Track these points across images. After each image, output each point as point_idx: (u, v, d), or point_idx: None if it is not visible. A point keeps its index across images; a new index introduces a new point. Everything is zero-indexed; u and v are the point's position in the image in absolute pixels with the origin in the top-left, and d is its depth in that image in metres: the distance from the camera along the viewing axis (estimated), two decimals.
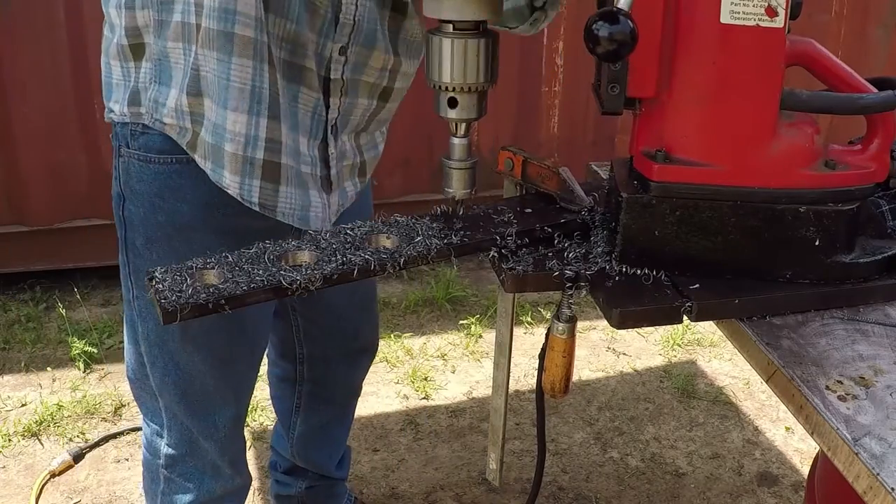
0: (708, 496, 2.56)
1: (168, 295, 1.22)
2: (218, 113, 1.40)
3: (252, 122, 1.40)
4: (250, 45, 1.35)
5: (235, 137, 1.41)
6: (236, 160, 1.43)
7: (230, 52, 1.35)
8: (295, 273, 1.29)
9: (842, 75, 1.32)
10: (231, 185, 1.45)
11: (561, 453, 2.72)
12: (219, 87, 1.38)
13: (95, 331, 3.33)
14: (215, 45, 1.35)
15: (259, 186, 1.46)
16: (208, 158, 1.45)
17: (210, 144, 1.43)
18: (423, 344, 3.29)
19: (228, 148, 1.41)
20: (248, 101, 1.39)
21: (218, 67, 1.37)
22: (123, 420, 2.85)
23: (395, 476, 2.61)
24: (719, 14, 1.24)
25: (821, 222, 1.32)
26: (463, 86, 1.38)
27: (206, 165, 1.46)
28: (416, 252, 1.38)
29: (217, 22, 1.33)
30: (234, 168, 1.43)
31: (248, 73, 1.37)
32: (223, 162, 1.43)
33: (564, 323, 1.45)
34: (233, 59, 1.36)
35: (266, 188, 1.47)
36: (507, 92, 3.73)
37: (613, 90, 1.30)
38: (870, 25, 4.06)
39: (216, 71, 1.37)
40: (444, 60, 1.36)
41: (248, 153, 1.42)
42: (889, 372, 1.18)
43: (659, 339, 3.38)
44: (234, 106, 1.38)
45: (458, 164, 1.47)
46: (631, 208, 1.35)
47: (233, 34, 1.34)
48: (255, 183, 1.45)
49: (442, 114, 1.42)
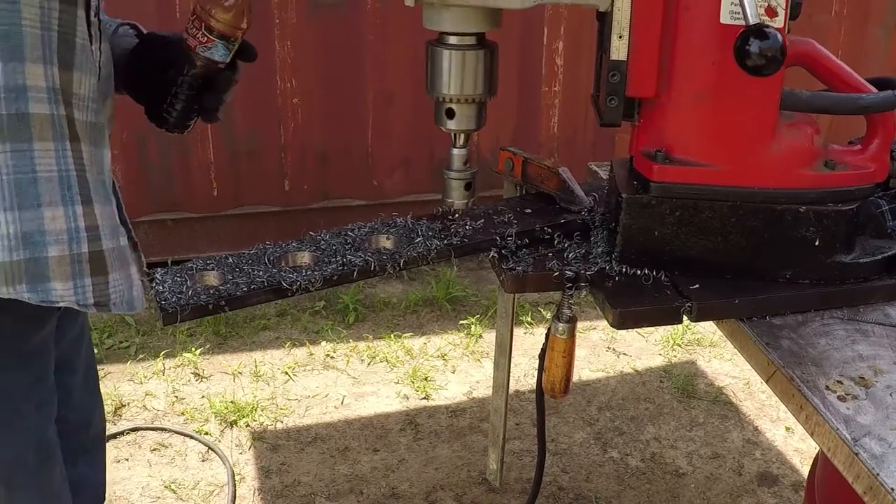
0: (708, 496, 2.56)
1: (168, 296, 1.22)
2: (24, 218, 1.15)
3: (70, 214, 1.19)
4: (48, 123, 1.14)
5: (59, 237, 1.18)
6: (63, 263, 1.19)
7: (29, 139, 1.13)
8: (295, 274, 1.29)
9: (842, 75, 1.32)
10: (65, 296, 1.20)
11: (561, 453, 2.72)
12: (19, 185, 1.14)
13: (95, 331, 3.33)
14: (5, 134, 1.11)
15: (91, 284, 1.23)
16: (17, 281, 1.17)
17: (17, 262, 1.16)
18: (423, 344, 3.29)
19: (53, 252, 1.18)
20: (59, 190, 1.17)
21: (14, 161, 1.13)
22: (123, 420, 2.85)
23: (395, 476, 2.61)
24: (719, 14, 1.24)
25: (821, 222, 1.32)
26: (462, 97, 1.38)
27: (15, 291, 1.17)
28: (416, 253, 1.38)
29: (5, 105, 1.10)
30: (63, 273, 1.19)
31: (52, 159, 1.15)
32: (47, 273, 1.18)
33: (564, 323, 1.45)
34: (34, 146, 1.13)
35: (98, 283, 1.23)
36: (507, 92, 3.73)
37: (612, 102, 1.30)
38: (870, 25, 4.05)
39: (12, 167, 1.13)
40: (443, 72, 1.37)
41: (73, 250, 1.20)
42: (889, 372, 1.18)
43: (659, 339, 3.38)
44: (48, 200, 1.16)
45: (457, 175, 1.48)
46: (631, 208, 1.35)
47: (28, 115, 1.12)
48: (87, 282, 1.22)
49: (441, 125, 1.43)
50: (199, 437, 2.71)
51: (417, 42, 1.52)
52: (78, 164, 1.19)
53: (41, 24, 1.10)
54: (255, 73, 3.45)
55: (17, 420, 1.32)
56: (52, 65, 1.12)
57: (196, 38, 1.27)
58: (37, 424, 1.37)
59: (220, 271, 1.30)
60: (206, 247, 3.62)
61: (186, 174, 3.52)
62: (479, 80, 1.37)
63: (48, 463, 1.41)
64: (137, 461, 2.63)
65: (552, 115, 3.89)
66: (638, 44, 1.27)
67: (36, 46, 1.10)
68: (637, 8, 1.25)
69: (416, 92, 1.86)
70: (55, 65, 1.13)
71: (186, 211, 3.59)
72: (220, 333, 3.29)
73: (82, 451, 1.66)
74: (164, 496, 2.49)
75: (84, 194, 1.20)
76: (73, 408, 1.57)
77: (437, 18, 1.33)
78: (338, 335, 3.30)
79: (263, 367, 3.09)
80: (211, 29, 1.26)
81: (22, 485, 1.37)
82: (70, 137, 1.17)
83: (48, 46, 1.12)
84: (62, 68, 1.14)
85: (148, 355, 3.16)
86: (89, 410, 1.67)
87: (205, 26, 1.26)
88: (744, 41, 1.13)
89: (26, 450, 1.35)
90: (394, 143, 3.71)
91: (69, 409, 1.52)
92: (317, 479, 2.57)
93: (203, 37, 1.26)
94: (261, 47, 1.38)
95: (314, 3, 3.39)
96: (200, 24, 1.26)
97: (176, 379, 3.02)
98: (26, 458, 1.35)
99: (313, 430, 2.78)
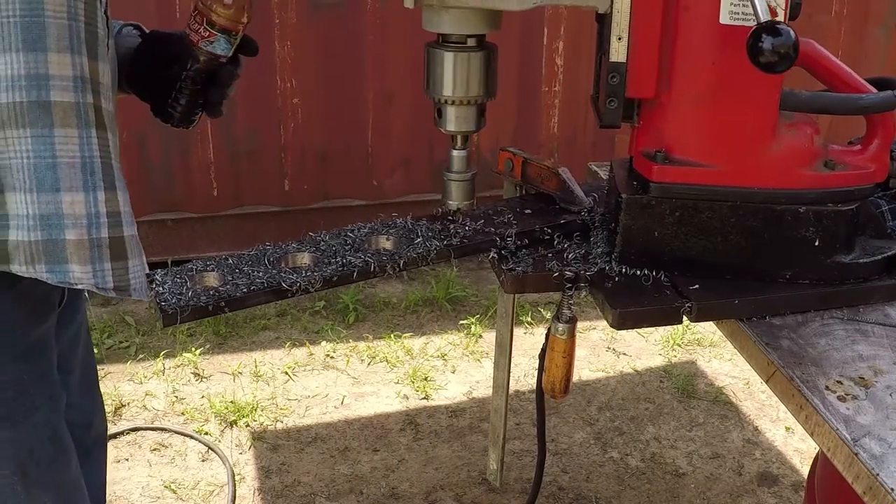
0: (708, 496, 2.56)
1: (168, 298, 1.23)
2: (42, 201, 1.19)
3: (91, 200, 1.21)
4: (72, 111, 1.16)
5: (77, 221, 1.20)
6: (82, 247, 1.21)
7: (50, 125, 1.15)
8: (295, 275, 1.29)
9: (842, 75, 1.32)
10: (83, 278, 1.22)
11: (561, 453, 2.72)
12: (38, 170, 1.18)
13: (96, 331, 3.33)
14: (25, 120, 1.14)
15: (111, 269, 1.25)
16: (37, 261, 1.21)
17: (36, 242, 1.20)
18: (423, 344, 3.29)
19: (71, 235, 1.20)
20: (81, 176, 1.19)
21: (34, 147, 1.16)
22: (123, 420, 2.85)
23: (395, 476, 2.61)
24: (719, 15, 1.24)
25: (821, 222, 1.32)
26: (462, 98, 1.38)
27: (35, 270, 1.21)
28: (416, 253, 1.38)
29: (25, 92, 1.13)
30: (82, 257, 1.21)
31: (76, 145, 1.18)
32: (65, 255, 1.21)
33: (564, 323, 1.45)
34: (55, 133, 1.16)
35: (118, 268, 1.26)
36: (507, 92, 3.73)
37: (612, 104, 1.30)
38: (870, 25, 4.05)
39: (31, 152, 1.17)
40: (443, 73, 1.37)
41: (93, 235, 1.22)
42: (889, 372, 1.18)
43: (659, 339, 3.38)
44: (68, 185, 1.19)
45: (457, 177, 1.48)
46: (631, 209, 1.35)
47: (49, 103, 1.14)
48: (106, 266, 1.24)
49: (440, 127, 1.43)
50: (199, 437, 2.71)
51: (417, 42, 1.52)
52: (103, 152, 1.22)
53: (68, 14, 1.13)
54: (255, 73, 3.45)
55: (33, 412, 1.33)
56: (81, 54, 1.15)
57: (198, 34, 1.29)
58: (50, 416, 1.39)
59: (220, 272, 1.30)
60: (206, 247, 3.62)
61: (186, 174, 3.52)
62: (477, 81, 1.37)
63: (64, 455, 1.43)
64: (137, 461, 2.63)
65: (552, 115, 3.89)
66: (637, 45, 1.27)
67: (63, 36, 1.13)
68: (636, 10, 1.25)
69: (416, 92, 1.86)
70: (84, 54, 1.15)
71: (186, 211, 3.59)
72: (220, 333, 3.29)
73: (84, 453, 1.65)
74: (164, 496, 2.49)
75: (108, 181, 1.22)
76: (72, 408, 1.57)
77: (437, 20, 1.33)
78: (338, 335, 3.30)
79: (263, 367, 3.09)
80: (212, 23, 1.28)
81: (38, 476, 1.39)
82: (97, 125, 1.19)
83: (76, 36, 1.15)
84: (90, 58, 1.16)
85: (148, 355, 3.16)
86: (89, 411, 1.68)
87: (206, 21, 1.28)
88: (756, 38, 1.12)
89: (42, 442, 1.36)
90: (394, 143, 3.70)
91: (68, 409, 1.52)
92: (317, 479, 2.57)
93: (205, 31, 1.29)
94: (261, 47, 1.39)
95: (314, 3, 3.39)
96: (202, 19, 1.29)
97: (176, 379, 3.02)
98: (42, 450, 1.36)
99: (313, 430, 2.79)
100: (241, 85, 1.40)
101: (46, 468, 1.40)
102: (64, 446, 1.44)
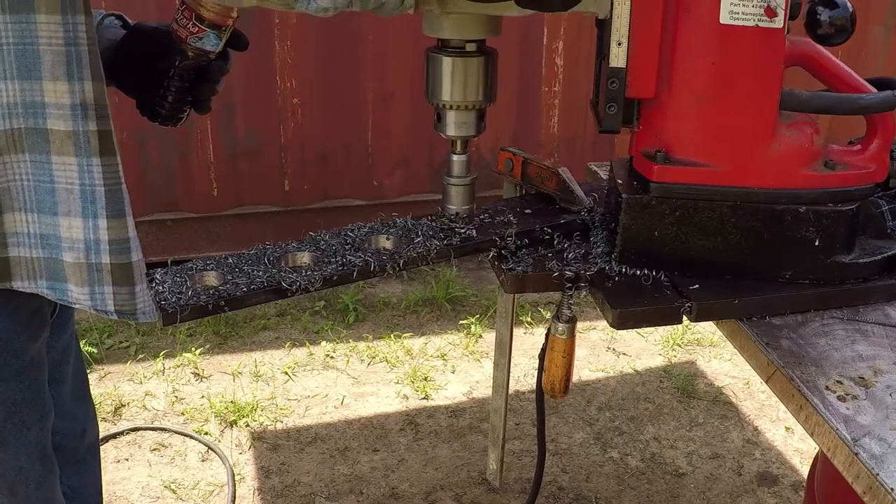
0: (708, 496, 2.56)
1: (168, 297, 1.23)
2: (42, 222, 1.17)
3: (89, 226, 1.18)
4: (69, 139, 1.12)
5: (74, 245, 1.18)
6: (79, 270, 1.19)
7: (47, 152, 1.13)
8: (295, 274, 1.29)
9: (842, 75, 1.32)
10: (80, 299, 1.21)
11: (561, 453, 2.72)
12: (38, 192, 1.16)
13: (95, 331, 3.33)
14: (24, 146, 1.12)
15: (112, 293, 1.22)
16: (39, 276, 1.20)
17: (38, 259, 1.19)
18: (423, 344, 3.29)
19: (68, 258, 1.18)
20: (80, 203, 1.16)
21: (34, 171, 1.14)
22: (123, 420, 2.85)
23: (395, 476, 2.61)
24: (719, 14, 1.24)
25: (820, 222, 1.32)
26: (461, 103, 1.38)
27: (36, 286, 1.20)
28: (416, 253, 1.38)
29: (23, 119, 1.11)
30: (79, 280, 1.19)
31: (74, 173, 1.14)
32: (64, 274, 1.19)
33: (564, 323, 1.45)
34: (52, 159, 1.13)
35: (122, 293, 1.22)
36: (507, 92, 3.73)
37: (611, 109, 1.30)
38: (870, 25, 4.05)
39: (31, 175, 1.14)
40: (443, 78, 1.37)
41: (91, 260, 1.19)
42: (889, 372, 1.18)
43: (659, 339, 3.38)
44: (66, 210, 1.16)
45: (457, 181, 1.48)
46: (631, 209, 1.35)
47: (46, 130, 1.11)
48: (106, 290, 1.21)
49: (441, 131, 1.43)
50: (199, 437, 2.71)
51: (417, 42, 1.52)
52: (110, 179, 1.17)
53: (66, 41, 1.08)
54: (255, 73, 3.46)
55: (24, 432, 1.32)
56: (83, 80, 1.10)
57: (186, 29, 1.26)
58: (40, 436, 1.37)
59: (220, 271, 1.30)
60: (206, 247, 3.63)
61: (186, 174, 3.52)
62: (477, 86, 1.37)
63: (52, 473, 1.42)
64: (137, 461, 2.63)
65: (552, 115, 3.89)
66: (637, 48, 1.27)
67: (59, 63, 1.09)
68: (636, 14, 1.25)
69: (416, 92, 1.86)
70: (87, 79, 1.11)
71: (186, 211, 3.59)
72: (220, 333, 3.29)
73: (78, 461, 1.66)
74: (164, 496, 2.49)
75: (115, 209, 1.18)
76: (66, 417, 1.56)
77: (437, 26, 1.33)
78: (338, 335, 3.30)
79: (263, 367, 3.09)
80: (202, 18, 1.25)
81: (27, 496, 1.38)
82: (101, 152, 1.14)
83: (76, 61, 1.10)
84: (95, 80, 1.12)
85: (148, 355, 3.16)
86: (82, 419, 1.66)
87: (195, 16, 1.25)
88: (813, 10, 1.13)
89: (31, 460, 1.35)
90: (394, 143, 3.71)
91: (61, 418, 1.52)
92: (317, 479, 2.57)
93: (194, 27, 1.25)
94: (261, 47, 1.38)
95: None
96: (191, 14, 1.25)
97: (176, 379, 3.02)
98: (31, 468, 1.35)
99: (313, 430, 2.79)
100: (241, 85, 1.39)
101: (35, 487, 1.38)
102: (52, 465, 1.42)
